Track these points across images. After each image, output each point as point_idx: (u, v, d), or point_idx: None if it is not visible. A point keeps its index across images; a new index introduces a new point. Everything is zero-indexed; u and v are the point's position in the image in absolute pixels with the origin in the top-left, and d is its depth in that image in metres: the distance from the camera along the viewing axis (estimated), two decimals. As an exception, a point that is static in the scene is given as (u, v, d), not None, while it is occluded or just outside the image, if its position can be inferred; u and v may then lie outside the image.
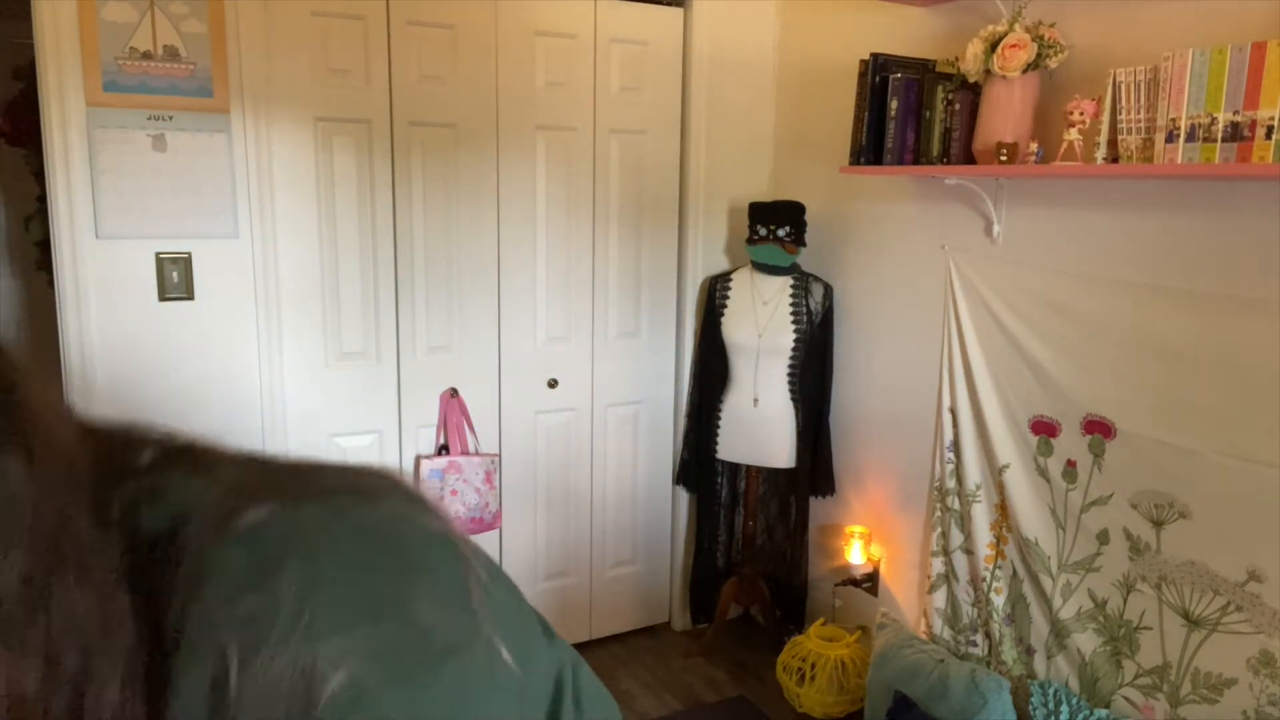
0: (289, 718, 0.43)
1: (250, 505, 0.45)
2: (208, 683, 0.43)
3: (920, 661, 2.19)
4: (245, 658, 0.43)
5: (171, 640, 0.44)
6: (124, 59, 2.08)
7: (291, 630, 0.43)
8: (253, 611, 0.43)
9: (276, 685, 0.43)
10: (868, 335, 2.60)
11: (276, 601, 0.43)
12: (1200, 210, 1.74)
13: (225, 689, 0.43)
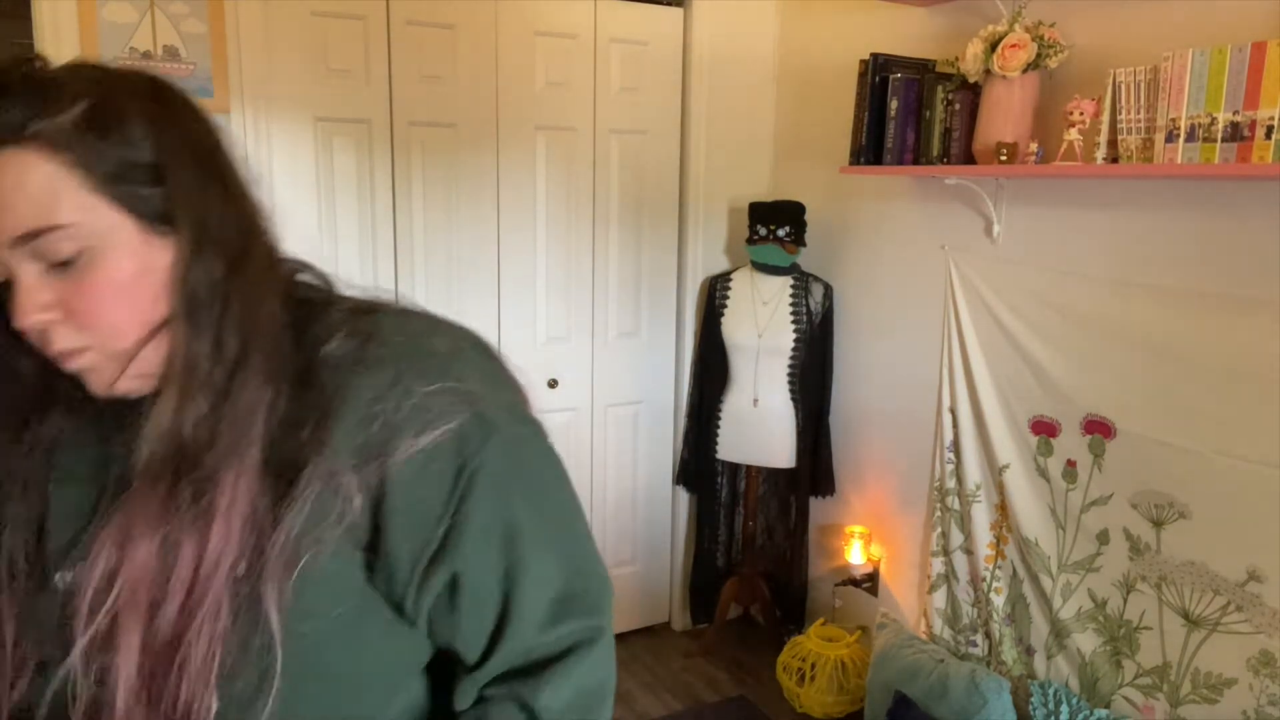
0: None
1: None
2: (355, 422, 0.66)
3: (920, 661, 2.19)
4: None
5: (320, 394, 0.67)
6: (124, 59, 2.08)
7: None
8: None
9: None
10: (868, 335, 2.60)
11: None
12: (1200, 210, 1.74)
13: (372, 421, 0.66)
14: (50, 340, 0.65)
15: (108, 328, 0.64)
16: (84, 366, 0.66)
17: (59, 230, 0.62)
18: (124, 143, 0.64)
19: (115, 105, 0.64)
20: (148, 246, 0.65)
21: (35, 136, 0.61)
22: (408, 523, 0.66)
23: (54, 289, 0.63)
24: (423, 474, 0.66)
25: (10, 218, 0.61)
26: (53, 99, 0.62)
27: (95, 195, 0.63)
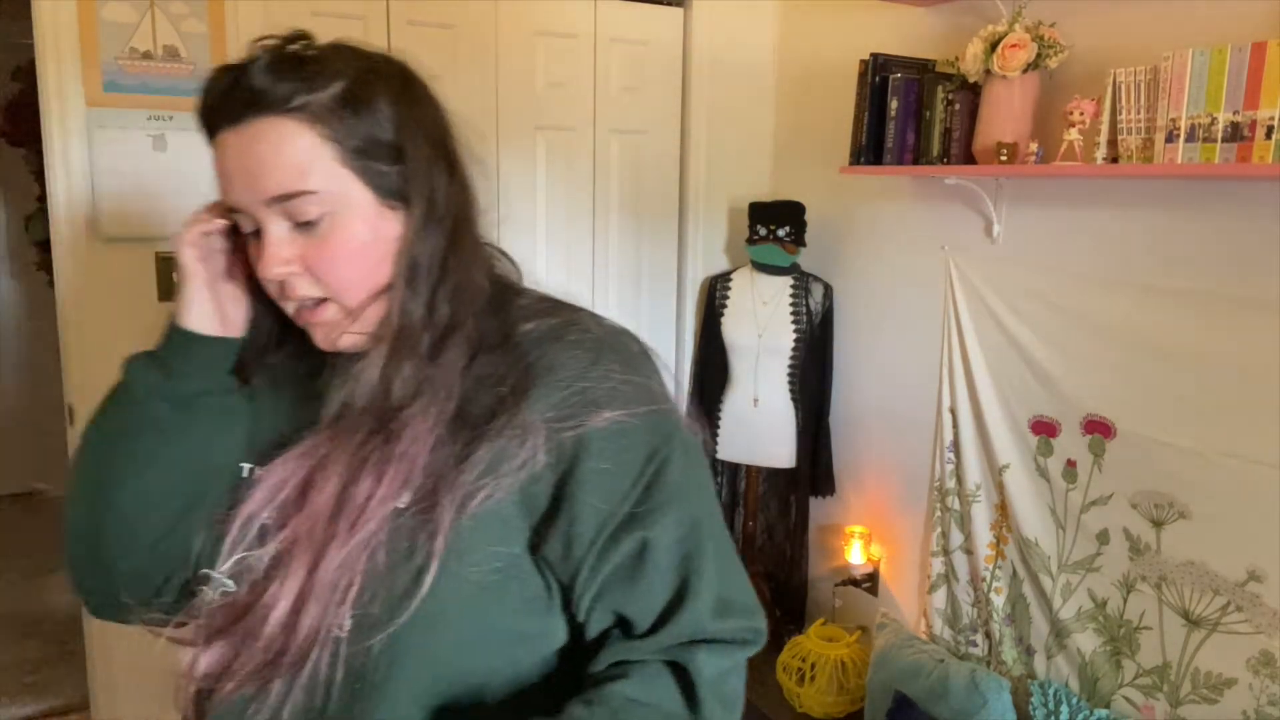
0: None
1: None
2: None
3: (920, 661, 2.19)
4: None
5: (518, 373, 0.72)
6: (124, 59, 2.08)
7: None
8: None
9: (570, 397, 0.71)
10: (868, 335, 2.60)
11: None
12: (1200, 210, 1.74)
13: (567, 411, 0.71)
14: (291, 289, 0.72)
15: (342, 283, 0.72)
16: (319, 319, 0.74)
17: (310, 195, 0.70)
18: (372, 122, 0.72)
19: (368, 87, 0.72)
20: (380, 217, 0.73)
21: (300, 109, 0.69)
22: (600, 486, 0.70)
23: (298, 245, 0.71)
24: (619, 444, 0.71)
25: (269, 179, 0.69)
26: (317, 76, 0.71)
27: (344, 167, 0.71)
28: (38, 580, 3.41)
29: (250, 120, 0.69)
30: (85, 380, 2.15)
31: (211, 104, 0.72)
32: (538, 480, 0.70)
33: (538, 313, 0.77)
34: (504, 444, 0.69)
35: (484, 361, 0.73)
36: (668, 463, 0.72)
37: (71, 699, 2.63)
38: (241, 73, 0.71)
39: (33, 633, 3.05)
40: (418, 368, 0.71)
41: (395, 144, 0.73)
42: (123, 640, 2.28)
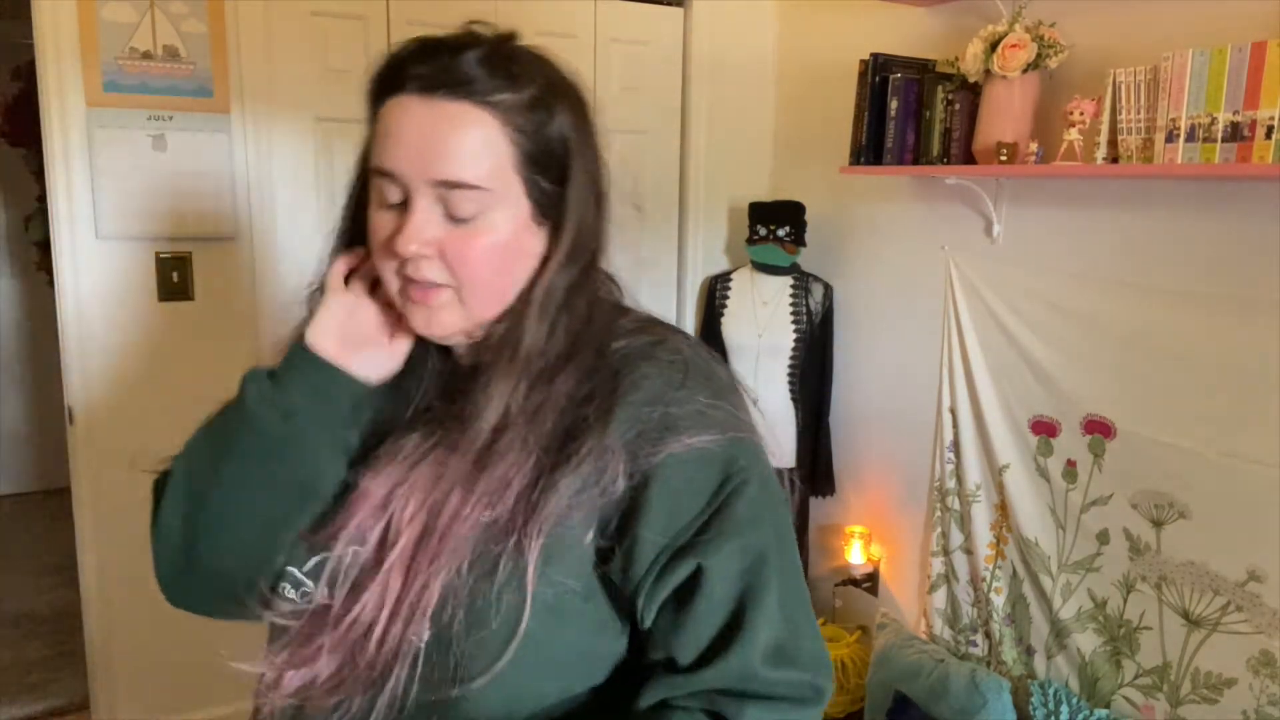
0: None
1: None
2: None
3: (920, 661, 2.19)
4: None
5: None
6: (124, 59, 2.08)
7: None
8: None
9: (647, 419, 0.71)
10: (868, 335, 2.60)
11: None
12: (1200, 210, 1.74)
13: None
14: (418, 269, 0.71)
15: (471, 278, 0.71)
16: (430, 301, 0.72)
17: (476, 190, 0.69)
18: (552, 135, 0.72)
19: (557, 99, 0.73)
20: (526, 230, 0.73)
21: (497, 105, 0.69)
22: (666, 509, 0.69)
23: (441, 230, 0.70)
24: (692, 469, 0.69)
25: (444, 162, 0.68)
26: (520, 76, 0.71)
27: (514, 172, 0.71)
28: (38, 580, 3.41)
29: (447, 98, 0.68)
30: (85, 380, 2.15)
31: (407, 68, 0.69)
32: (611, 501, 0.69)
33: (630, 331, 0.77)
34: (588, 469, 0.68)
35: (575, 379, 0.72)
36: (740, 491, 0.70)
37: (71, 699, 2.63)
38: (455, 51, 0.69)
39: (33, 633, 3.05)
40: (531, 396, 0.71)
41: (564, 163, 0.73)
42: (123, 640, 2.28)
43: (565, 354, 0.73)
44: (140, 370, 2.21)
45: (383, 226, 0.72)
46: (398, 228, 0.70)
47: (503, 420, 0.70)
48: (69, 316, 2.12)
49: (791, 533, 0.76)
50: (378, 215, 0.73)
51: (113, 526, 2.20)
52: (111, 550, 2.21)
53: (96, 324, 2.15)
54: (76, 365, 2.14)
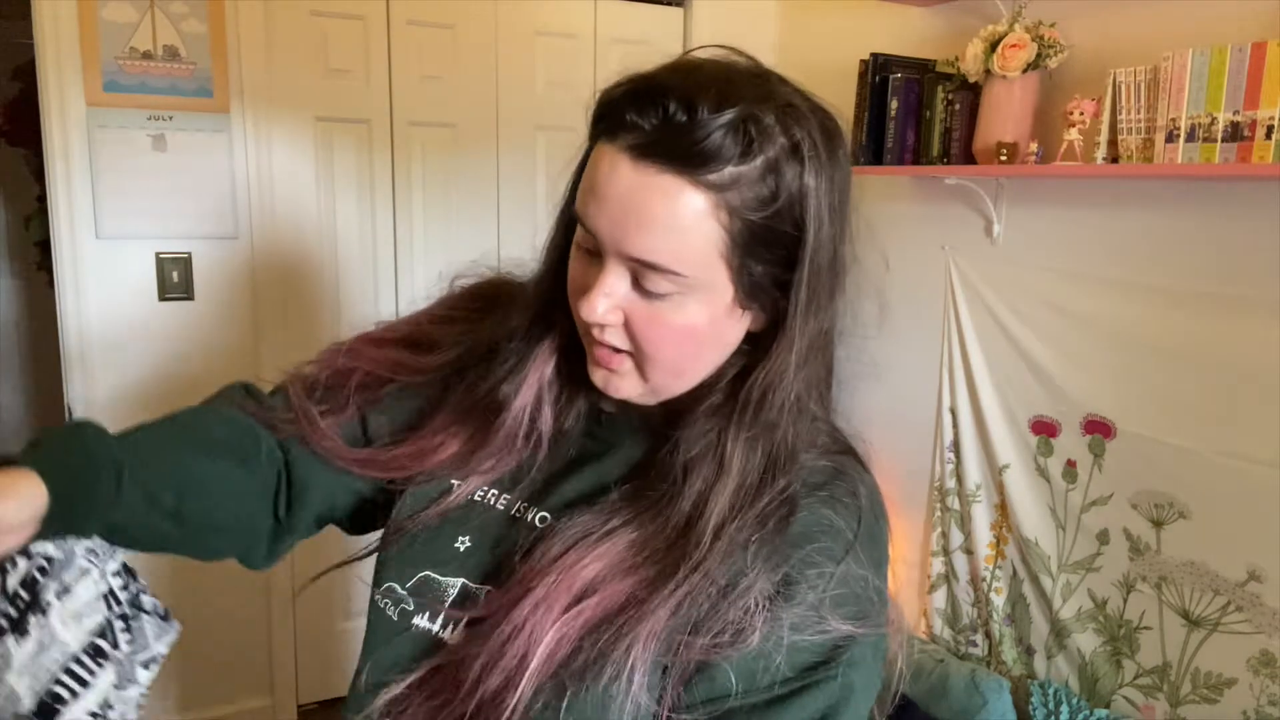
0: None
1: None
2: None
3: (920, 661, 2.19)
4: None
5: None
6: (124, 59, 2.08)
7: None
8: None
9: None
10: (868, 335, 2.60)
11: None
12: (1200, 210, 1.74)
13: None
14: (602, 332, 0.65)
15: (655, 355, 0.64)
16: (610, 365, 0.67)
17: (671, 275, 0.60)
18: (779, 217, 0.60)
19: (793, 169, 0.60)
20: (729, 315, 0.64)
21: (718, 187, 0.58)
22: (748, 671, 0.61)
23: (629, 300, 0.63)
24: (798, 643, 0.61)
25: (642, 239, 0.59)
26: (755, 143, 0.58)
27: (720, 259, 0.61)
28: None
29: (662, 171, 0.58)
30: (85, 380, 2.15)
31: (627, 114, 0.59)
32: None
33: (818, 446, 0.69)
34: (725, 608, 0.61)
35: (745, 495, 0.64)
36: (823, 684, 0.62)
37: (71, 699, 2.63)
38: (692, 113, 0.57)
39: (33, 633, 3.04)
40: (734, 507, 0.63)
41: (791, 246, 0.62)
42: (123, 640, 2.28)
43: (772, 469, 0.65)
44: (140, 370, 2.21)
45: (576, 272, 0.66)
46: (586, 284, 0.64)
47: (711, 533, 0.62)
48: (69, 316, 2.13)
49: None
50: (575, 255, 0.67)
51: (113, 526, 2.20)
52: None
53: (96, 324, 2.15)
54: (76, 365, 2.14)
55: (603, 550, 0.63)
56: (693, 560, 0.62)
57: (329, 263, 2.41)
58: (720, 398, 0.66)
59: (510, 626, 0.62)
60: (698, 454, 0.65)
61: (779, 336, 0.64)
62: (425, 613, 0.70)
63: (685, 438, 0.66)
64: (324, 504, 0.81)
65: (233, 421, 0.79)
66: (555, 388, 0.74)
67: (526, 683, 0.61)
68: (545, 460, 0.73)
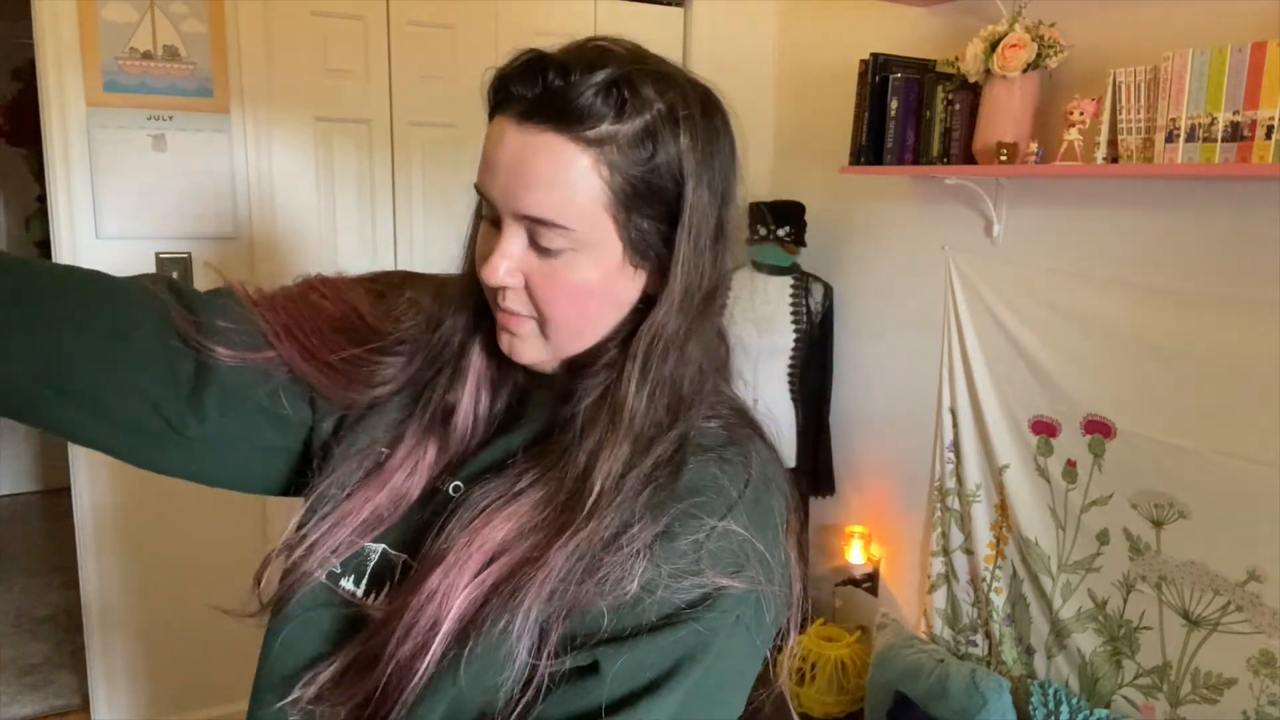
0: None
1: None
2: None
3: (920, 661, 2.19)
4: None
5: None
6: (124, 59, 2.08)
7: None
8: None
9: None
10: (868, 335, 2.60)
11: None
12: (1200, 210, 1.74)
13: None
14: (502, 297, 0.69)
15: (553, 315, 0.68)
16: (514, 329, 0.70)
17: (562, 230, 0.64)
18: (658, 173, 0.65)
19: (669, 130, 0.64)
20: (619, 272, 0.68)
21: (596, 142, 0.63)
22: (619, 615, 0.64)
23: (526, 263, 0.67)
24: (671, 590, 0.64)
25: (531, 196, 0.64)
26: (628, 104, 0.63)
27: (607, 213, 0.65)
28: (39, 580, 3.41)
29: (543, 129, 0.63)
30: (85, 380, 2.15)
31: (511, 86, 0.65)
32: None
33: (714, 413, 0.71)
34: (609, 559, 0.63)
35: (638, 451, 0.67)
36: (693, 623, 0.63)
37: (71, 699, 2.63)
38: (564, 75, 0.63)
39: (33, 633, 3.05)
40: (632, 459, 0.66)
41: (673, 201, 0.66)
42: (123, 640, 2.28)
43: (667, 422, 0.68)
44: (140, 370, 2.21)
45: (481, 243, 0.71)
46: (489, 249, 0.68)
47: (604, 486, 0.65)
48: (69, 316, 2.12)
49: (723, 690, 0.67)
50: (481, 231, 0.72)
51: (113, 526, 2.20)
52: (111, 550, 2.21)
53: (96, 324, 2.15)
54: (76, 365, 2.14)
55: (509, 511, 0.66)
56: (586, 510, 0.65)
57: (329, 263, 2.40)
58: (614, 353, 0.70)
59: (424, 594, 0.65)
60: (592, 403, 0.68)
61: (663, 289, 0.67)
62: (350, 575, 0.72)
63: (581, 388, 0.69)
64: (236, 389, 0.75)
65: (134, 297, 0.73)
66: (489, 373, 0.77)
67: (438, 645, 0.63)
68: (473, 438, 0.76)
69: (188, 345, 0.72)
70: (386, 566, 0.72)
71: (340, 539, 0.72)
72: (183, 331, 0.72)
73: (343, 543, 0.72)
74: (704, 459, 0.68)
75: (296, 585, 0.73)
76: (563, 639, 0.64)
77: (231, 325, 0.74)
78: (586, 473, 0.66)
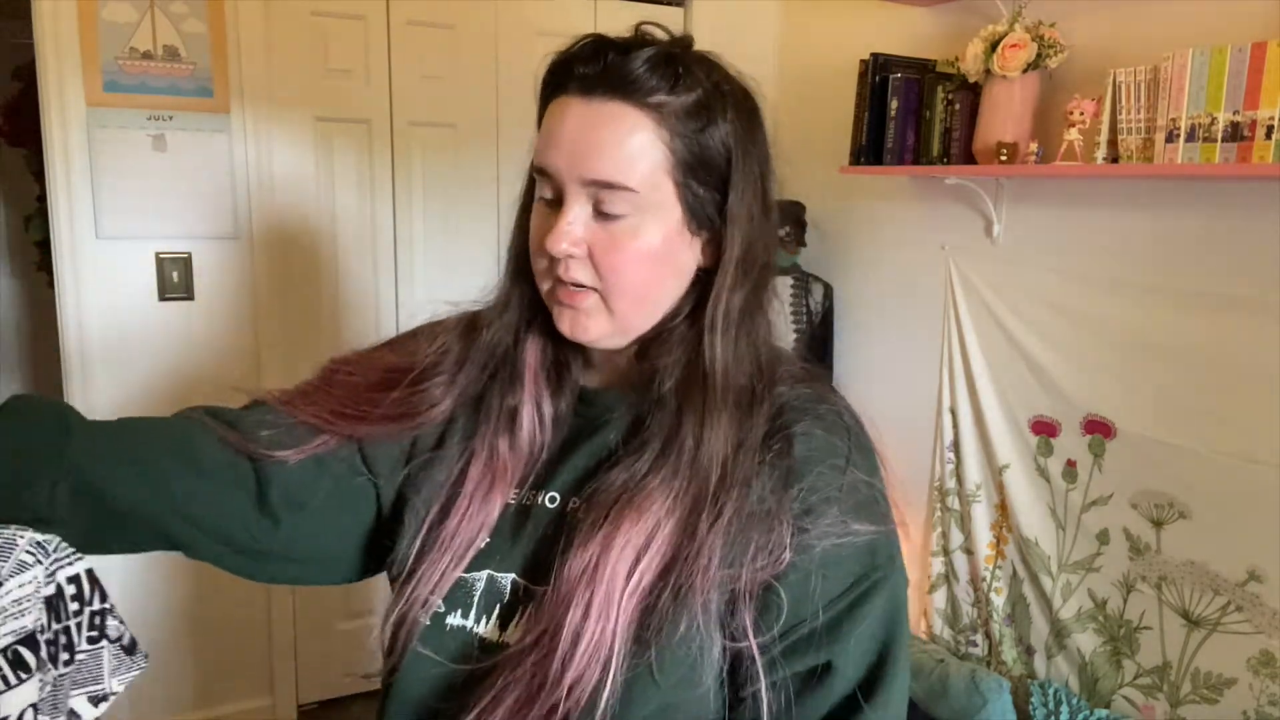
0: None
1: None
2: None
3: (920, 661, 2.19)
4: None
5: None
6: (124, 59, 2.08)
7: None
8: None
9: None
10: (868, 335, 2.60)
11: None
12: (1200, 210, 1.74)
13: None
14: (565, 268, 0.70)
15: (619, 281, 0.70)
16: (577, 304, 0.71)
17: (627, 192, 0.68)
18: (711, 140, 0.70)
19: (719, 103, 0.71)
20: (679, 236, 0.71)
21: (656, 107, 0.68)
22: (809, 586, 0.67)
23: (591, 230, 0.70)
24: (836, 553, 0.67)
25: (598, 162, 0.68)
26: (682, 79, 0.69)
27: (668, 176, 0.69)
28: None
29: (607, 100, 0.68)
30: (85, 380, 2.15)
31: (573, 67, 0.70)
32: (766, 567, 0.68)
33: (792, 376, 0.75)
34: (755, 534, 0.67)
35: (741, 421, 0.70)
36: (879, 586, 0.69)
37: (71, 699, 2.62)
38: (623, 53, 0.69)
39: (33, 633, 3.04)
40: (740, 426, 0.69)
41: (724, 171, 0.71)
42: (123, 640, 2.28)
43: (755, 389, 0.71)
44: (140, 370, 2.21)
45: (538, 224, 0.72)
46: (551, 226, 0.70)
47: (723, 461, 0.68)
48: (69, 316, 2.12)
49: (908, 623, 0.73)
50: (536, 213, 0.73)
51: (113, 526, 2.20)
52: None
53: (96, 324, 2.15)
54: (76, 365, 2.14)
55: (637, 506, 0.68)
56: (713, 490, 0.67)
57: (329, 263, 2.41)
58: (684, 328, 0.73)
59: (579, 610, 0.65)
60: (681, 380, 0.71)
61: (723, 256, 0.72)
62: (457, 610, 0.73)
63: (663, 367, 0.72)
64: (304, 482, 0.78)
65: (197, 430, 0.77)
66: (547, 371, 0.77)
67: (619, 658, 0.65)
68: (546, 448, 0.76)
69: (242, 458, 0.75)
70: (496, 593, 0.72)
71: (436, 577, 0.73)
72: (237, 447, 0.75)
73: (440, 579, 0.73)
74: (807, 423, 0.71)
75: (408, 635, 0.73)
76: (762, 636, 0.67)
77: (275, 430, 0.77)
78: (699, 451, 0.68)
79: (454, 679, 0.71)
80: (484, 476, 0.75)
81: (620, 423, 0.74)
